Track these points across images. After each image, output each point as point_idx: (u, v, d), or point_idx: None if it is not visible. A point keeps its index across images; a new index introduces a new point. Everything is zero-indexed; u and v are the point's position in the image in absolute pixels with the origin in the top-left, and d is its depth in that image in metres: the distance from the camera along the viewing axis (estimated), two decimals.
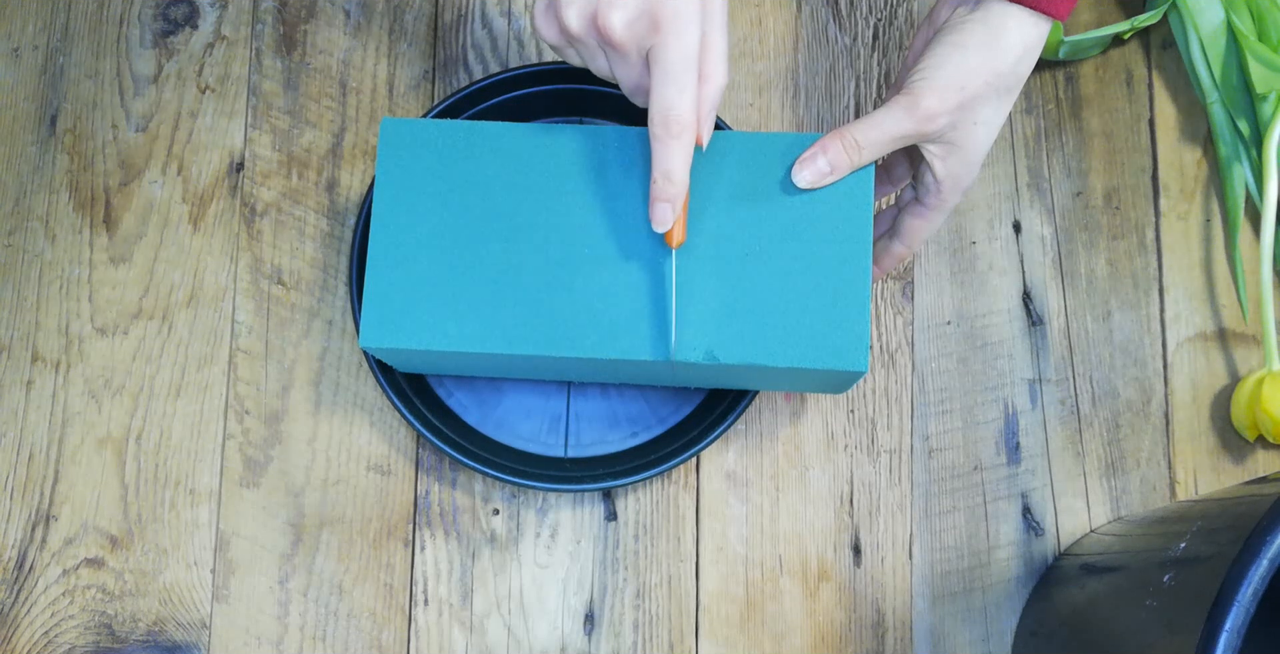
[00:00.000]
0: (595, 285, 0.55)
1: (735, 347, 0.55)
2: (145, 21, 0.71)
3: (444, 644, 0.65)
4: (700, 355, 0.54)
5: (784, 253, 0.55)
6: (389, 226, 0.57)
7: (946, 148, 0.53)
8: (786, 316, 0.55)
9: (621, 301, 0.55)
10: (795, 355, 0.54)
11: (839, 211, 0.55)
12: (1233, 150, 0.70)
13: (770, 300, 0.55)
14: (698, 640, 0.65)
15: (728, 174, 0.56)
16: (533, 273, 0.56)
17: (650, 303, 0.55)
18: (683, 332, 0.55)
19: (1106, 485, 0.68)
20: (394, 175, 0.57)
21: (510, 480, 0.62)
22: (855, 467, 0.67)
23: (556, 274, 0.56)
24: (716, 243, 0.55)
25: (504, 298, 0.56)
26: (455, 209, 0.57)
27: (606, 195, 0.56)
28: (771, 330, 0.55)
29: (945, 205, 0.56)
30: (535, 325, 0.55)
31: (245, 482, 0.66)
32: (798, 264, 0.55)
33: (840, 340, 0.54)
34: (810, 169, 0.54)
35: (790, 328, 0.55)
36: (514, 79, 0.66)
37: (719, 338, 0.55)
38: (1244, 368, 0.69)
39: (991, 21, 0.52)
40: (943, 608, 0.66)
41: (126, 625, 0.65)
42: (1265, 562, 0.43)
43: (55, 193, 0.69)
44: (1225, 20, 0.69)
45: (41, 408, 0.67)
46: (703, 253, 0.55)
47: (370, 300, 0.56)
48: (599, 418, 0.67)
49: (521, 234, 0.56)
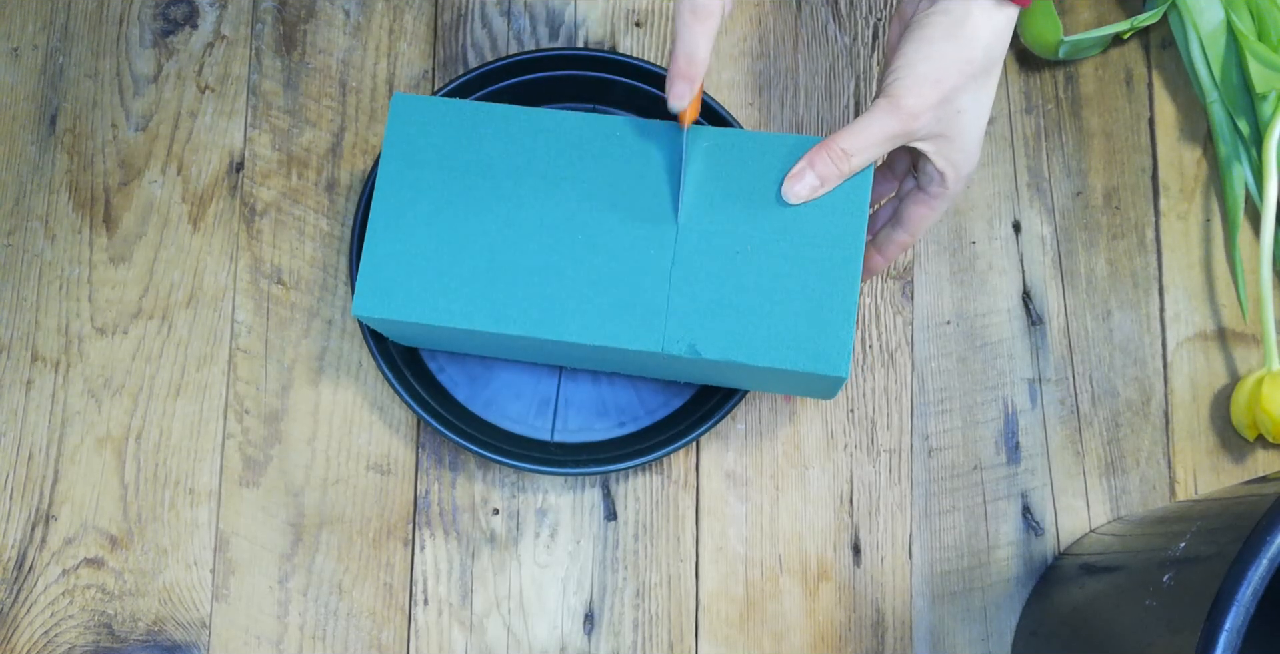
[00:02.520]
0: (590, 272, 0.56)
1: (718, 343, 0.55)
2: (145, 21, 0.71)
3: (444, 644, 0.65)
4: (684, 349, 0.55)
5: (776, 253, 0.55)
6: (391, 199, 0.57)
7: (939, 141, 0.54)
8: (772, 317, 0.55)
9: (614, 290, 0.56)
10: (777, 356, 0.55)
11: (833, 216, 0.55)
12: (1232, 150, 0.70)
13: (758, 300, 0.55)
14: (697, 640, 0.65)
15: (728, 172, 0.56)
16: (529, 255, 0.56)
17: (642, 293, 0.56)
18: (670, 324, 0.55)
19: (1106, 485, 0.68)
20: (400, 149, 0.58)
21: (489, 457, 0.62)
22: (855, 466, 0.67)
23: (552, 258, 0.56)
24: (710, 239, 0.56)
25: (498, 277, 0.56)
26: (458, 187, 0.57)
27: (610, 184, 0.57)
28: (756, 330, 0.55)
29: (950, 193, 0.56)
30: (527, 306, 0.56)
31: (245, 481, 0.66)
32: (788, 266, 0.55)
33: (823, 344, 0.54)
34: (800, 184, 0.55)
35: (775, 328, 0.55)
36: (523, 63, 0.66)
37: (704, 333, 0.55)
38: (1244, 367, 0.69)
39: (954, 12, 0.52)
40: (942, 607, 0.66)
41: (126, 625, 0.65)
42: (1265, 562, 0.43)
43: (55, 192, 0.69)
44: (1225, 20, 0.69)
45: (41, 408, 0.67)
46: (695, 248, 0.56)
47: (366, 270, 0.57)
48: (588, 405, 0.67)
49: (521, 216, 0.57)
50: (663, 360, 0.57)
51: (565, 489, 0.67)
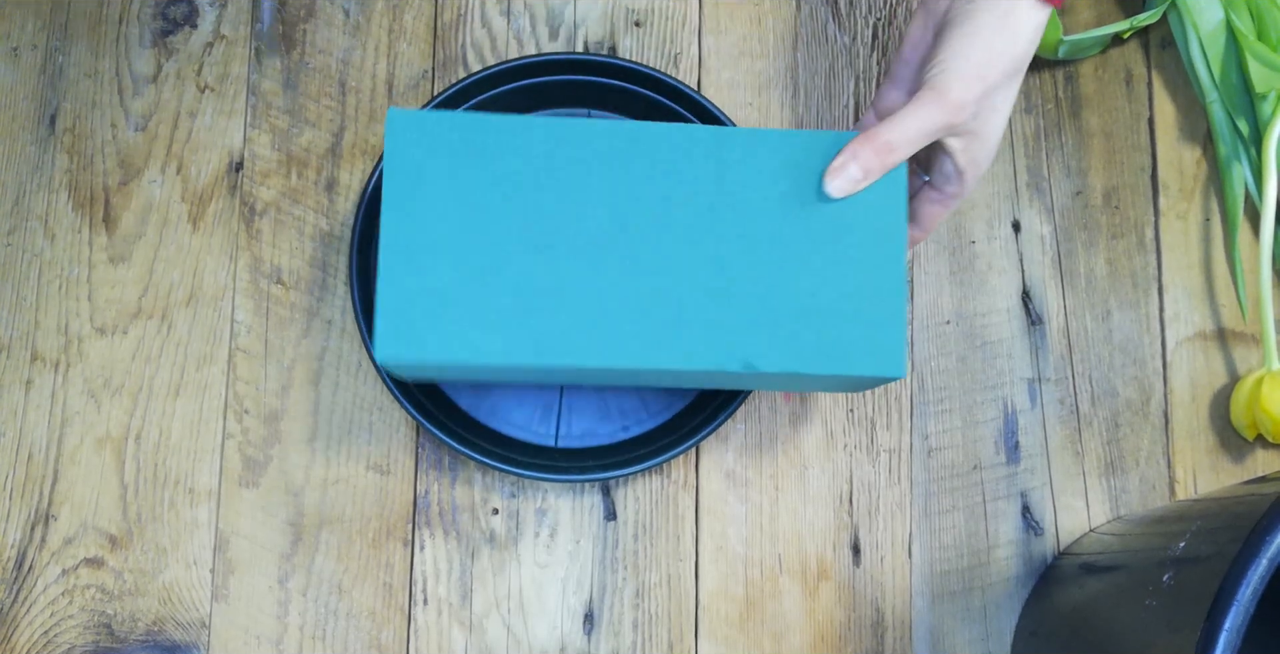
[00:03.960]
0: (629, 291, 0.52)
1: (774, 355, 0.52)
2: (144, 21, 0.71)
3: (443, 644, 0.65)
4: (739, 365, 0.52)
5: (819, 256, 0.53)
6: (402, 226, 0.52)
7: (968, 137, 0.53)
8: (824, 323, 0.52)
9: (657, 309, 0.52)
10: (833, 362, 0.52)
11: (872, 213, 0.53)
12: (1232, 150, 0.70)
13: (807, 306, 0.53)
14: (697, 640, 0.65)
15: (761, 175, 0.53)
16: (562, 277, 0.52)
17: (687, 309, 0.52)
18: (722, 340, 0.52)
19: (1106, 485, 0.68)
20: (404, 170, 0.53)
21: (500, 467, 0.62)
22: (855, 466, 0.67)
23: (586, 278, 0.52)
24: (750, 245, 0.53)
25: (531, 304, 0.52)
26: (473, 207, 0.52)
27: (637, 193, 0.53)
28: (809, 337, 0.52)
29: (964, 192, 0.56)
30: (568, 334, 0.52)
31: (245, 481, 0.66)
32: (833, 268, 0.53)
33: (878, 346, 0.53)
34: (842, 177, 0.53)
35: (828, 334, 0.52)
36: (513, 70, 0.66)
37: (757, 346, 0.52)
38: (1243, 367, 0.69)
39: (1001, 7, 0.51)
40: (942, 607, 0.66)
41: (126, 625, 0.65)
42: (1265, 561, 0.43)
43: (54, 192, 0.69)
44: (1224, 20, 0.69)
45: (41, 407, 0.67)
46: (736, 256, 0.53)
47: (384, 310, 0.51)
48: (591, 409, 0.67)
49: (548, 235, 0.52)
50: (711, 376, 0.55)
51: (565, 490, 0.67)
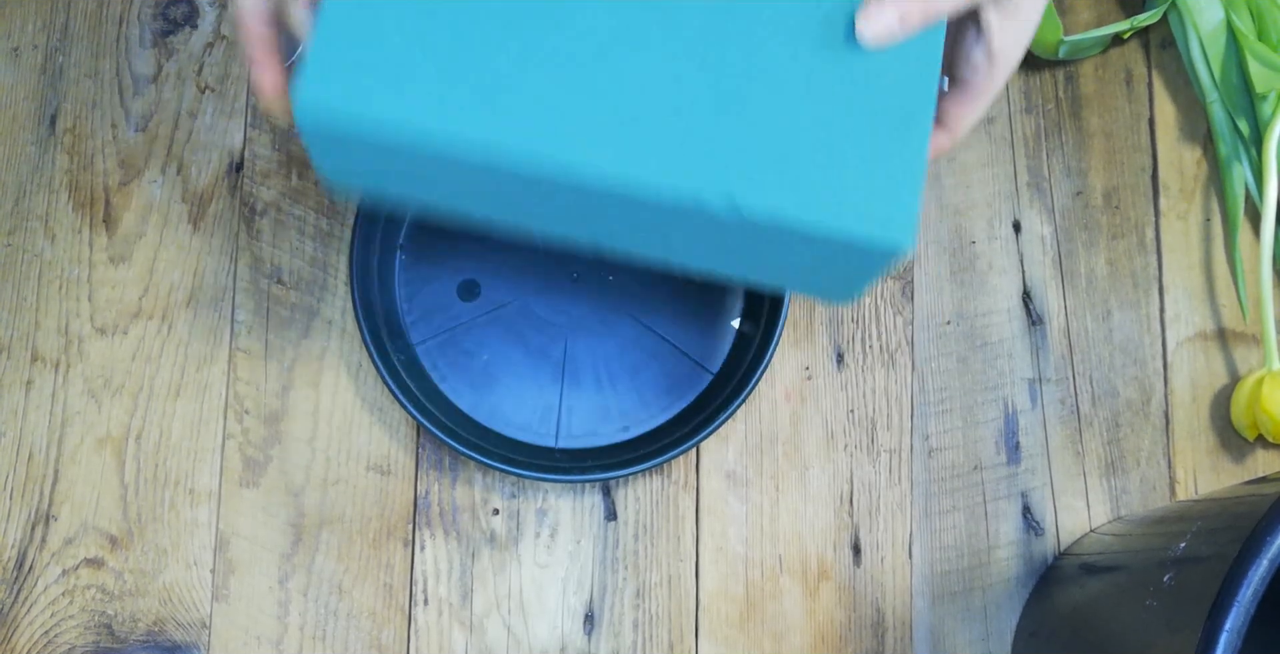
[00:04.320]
0: (615, 84, 0.44)
1: (763, 192, 0.44)
2: (145, 21, 0.71)
3: (444, 644, 0.65)
4: (720, 197, 0.44)
5: (835, 102, 0.46)
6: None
7: (1009, 9, 0.48)
8: (827, 169, 0.45)
9: (641, 111, 0.44)
10: (830, 215, 0.45)
11: (902, 66, 0.46)
12: (1232, 150, 0.70)
13: (811, 148, 0.45)
14: (697, 640, 0.65)
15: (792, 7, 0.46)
16: (539, 52, 0.44)
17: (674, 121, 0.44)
18: (705, 161, 0.44)
19: (1106, 485, 0.68)
20: None
21: (500, 467, 0.62)
22: (855, 466, 0.67)
23: (568, 61, 0.44)
24: (763, 74, 0.45)
25: (497, 71, 0.43)
26: None
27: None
28: (808, 183, 0.45)
29: (994, 86, 0.51)
30: (533, 113, 0.43)
31: (245, 481, 0.66)
32: (848, 114, 0.46)
33: (885, 207, 0.45)
34: (878, 22, 0.46)
35: (829, 183, 0.45)
36: None
37: (746, 179, 0.44)
38: (1244, 367, 0.69)
39: None
40: (942, 607, 0.66)
41: (126, 625, 0.65)
42: (1265, 562, 0.43)
43: (55, 192, 0.69)
44: (1225, 20, 0.69)
45: (41, 407, 0.67)
46: (744, 81, 0.45)
47: (322, 41, 0.41)
48: (591, 410, 0.67)
49: (533, 3, 0.44)
50: (684, 222, 0.46)
51: (565, 490, 0.67)
